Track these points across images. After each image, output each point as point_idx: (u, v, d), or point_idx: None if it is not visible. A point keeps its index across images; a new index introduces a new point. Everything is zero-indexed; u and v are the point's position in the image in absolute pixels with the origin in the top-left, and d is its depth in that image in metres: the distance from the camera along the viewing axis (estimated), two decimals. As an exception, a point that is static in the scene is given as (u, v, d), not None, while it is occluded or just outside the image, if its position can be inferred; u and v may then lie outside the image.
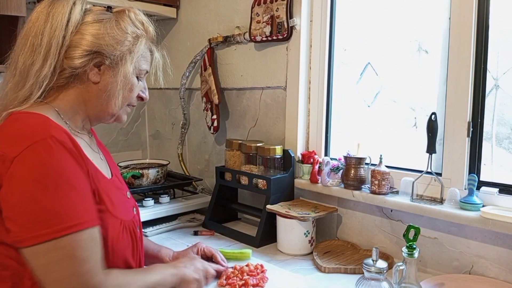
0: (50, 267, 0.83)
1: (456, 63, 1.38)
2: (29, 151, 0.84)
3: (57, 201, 0.84)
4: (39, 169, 0.84)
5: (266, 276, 1.31)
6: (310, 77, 1.78)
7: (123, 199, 1.07)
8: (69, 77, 0.98)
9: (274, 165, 1.72)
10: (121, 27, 1.01)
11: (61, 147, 0.87)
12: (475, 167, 1.38)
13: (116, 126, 2.42)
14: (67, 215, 0.84)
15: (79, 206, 0.87)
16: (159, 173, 1.96)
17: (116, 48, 0.99)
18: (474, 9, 1.34)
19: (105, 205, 0.95)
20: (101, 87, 1.01)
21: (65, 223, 0.83)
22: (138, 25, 1.05)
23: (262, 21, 1.81)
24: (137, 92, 1.08)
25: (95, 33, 0.98)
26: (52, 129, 0.89)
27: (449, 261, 1.41)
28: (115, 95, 1.02)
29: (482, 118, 1.37)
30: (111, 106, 1.03)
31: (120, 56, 1.00)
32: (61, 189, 0.84)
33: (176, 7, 2.25)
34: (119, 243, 0.98)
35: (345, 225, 1.67)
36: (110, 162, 1.14)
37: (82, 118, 1.04)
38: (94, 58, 0.98)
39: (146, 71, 1.09)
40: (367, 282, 1.10)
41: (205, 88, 2.06)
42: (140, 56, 1.04)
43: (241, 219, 1.95)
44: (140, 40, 1.04)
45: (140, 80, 1.08)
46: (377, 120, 1.67)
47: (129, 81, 1.03)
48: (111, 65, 1.00)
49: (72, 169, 0.88)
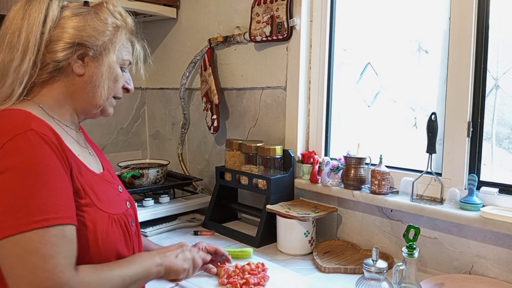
0: (14, 261, 0.81)
1: (456, 63, 1.38)
2: (8, 145, 0.84)
3: (29, 194, 0.82)
4: (16, 161, 0.83)
5: (267, 275, 1.31)
6: (310, 77, 1.78)
7: (113, 193, 1.06)
8: (52, 72, 0.98)
9: (274, 165, 1.72)
10: (101, 18, 1.02)
11: (41, 140, 0.86)
12: (475, 167, 1.38)
13: (116, 126, 2.42)
14: (36, 209, 0.82)
15: (52, 201, 0.85)
16: (159, 173, 1.96)
17: (98, 39, 1.00)
18: (474, 9, 1.34)
19: (91, 199, 0.94)
20: (86, 79, 1.01)
21: (33, 217, 0.81)
22: (117, 16, 1.05)
23: (262, 21, 1.81)
24: (122, 83, 1.08)
25: (76, 25, 0.99)
26: (33, 122, 0.89)
27: (449, 261, 1.41)
28: (101, 85, 1.02)
29: (482, 118, 1.37)
30: (97, 97, 1.02)
31: (103, 46, 1.01)
32: (35, 182, 0.83)
33: (176, 7, 2.25)
34: (109, 236, 0.96)
35: (345, 225, 1.67)
36: (101, 157, 1.14)
37: (69, 112, 1.03)
38: (77, 50, 0.98)
39: (129, 61, 1.09)
40: (367, 282, 1.10)
41: (205, 88, 2.06)
42: (122, 46, 1.05)
43: (241, 219, 1.95)
44: (121, 30, 1.04)
45: (124, 71, 1.08)
46: (377, 120, 1.67)
47: (114, 71, 1.03)
48: (94, 56, 1.00)
49: (51, 163, 0.87)
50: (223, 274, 1.30)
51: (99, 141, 2.33)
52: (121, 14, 1.06)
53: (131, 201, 1.14)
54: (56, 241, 0.83)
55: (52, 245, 0.82)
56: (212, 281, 1.30)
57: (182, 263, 1.10)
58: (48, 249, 0.81)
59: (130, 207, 1.10)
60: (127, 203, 1.09)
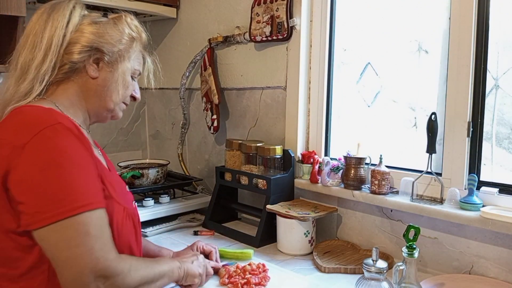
0: (63, 244, 0.85)
1: (456, 63, 1.38)
2: (39, 137, 0.88)
3: (69, 182, 0.87)
4: (50, 152, 0.87)
5: (268, 275, 1.31)
6: (310, 77, 1.78)
7: (124, 191, 1.11)
8: (68, 72, 1.02)
9: (274, 165, 1.72)
10: (119, 28, 1.08)
11: (69, 132, 0.92)
12: (475, 167, 1.38)
13: (116, 126, 2.42)
14: (79, 195, 0.87)
15: (90, 187, 0.91)
16: (159, 173, 1.96)
17: (115, 46, 1.06)
18: (474, 9, 1.34)
19: (109, 191, 0.99)
20: (99, 82, 1.06)
21: (77, 202, 0.86)
22: (133, 28, 1.11)
23: (262, 21, 1.81)
24: (131, 91, 1.14)
25: (95, 31, 1.04)
26: (59, 116, 0.94)
27: (449, 261, 1.41)
28: (113, 90, 1.08)
29: (482, 118, 1.37)
30: (109, 101, 1.08)
31: (119, 54, 1.07)
32: (71, 171, 0.88)
33: (176, 7, 2.25)
34: (124, 228, 1.01)
35: (345, 225, 1.67)
36: (106, 159, 1.18)
37: (82, 113, 1.08)
38: (93, 54, 1.04)
39: (139, 72, 1.16)
40: (367, 282, 1.10)
41: (205, 88, 2.06)
42: (135, 56, 1.12)
43: (241, 219, 1.95)
44: (136, 42, 1.11)
45: (134, 80, 1.15)
46: (377, 120, 1.67)
47: (126, 78, 1.09)
48: (109, 62, 1.06)
49: (81, 152, 0.92)
50: (224, 274, 1.30)
51: (99, 141, 2.31)
52: (137, 27, 1.13)
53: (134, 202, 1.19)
54: (100, 223, 0.90)
55: (99, 227, 0.89)
56: (213, 281, 1.29)
57: (197, 268, 1.17)
58: (97, 230, 0.88)
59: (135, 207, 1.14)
60: (134, 203, 1.14)
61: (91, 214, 0.88)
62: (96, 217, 0.89)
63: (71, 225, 0.85)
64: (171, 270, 1.08)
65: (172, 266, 1.09)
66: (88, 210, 0.87)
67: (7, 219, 0.89)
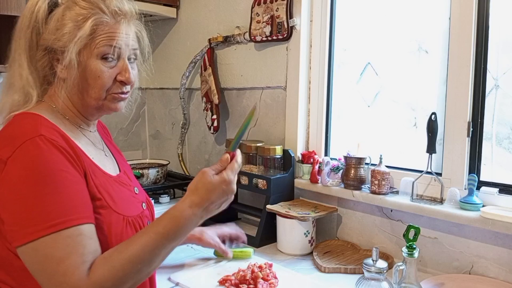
0: (35, 267, 0.82)
1: (456, 63, 1.38)
2: (19, 151, 0.84)
3: (43, 199, 0.82)
4: (28, 167, 0.83)
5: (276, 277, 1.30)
6: (310, 77, 1.78)
7: (128, 195, 1.05)
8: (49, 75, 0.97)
9: (274, 165, 1.72)
10: (63, 14, 0.93)
11: (51, 145, 0.86)
12: (475, 167, 1.38)
13: (116, 126, 2.42)
14: (53, 213, 0.82)
15: (67, 203, 0.84)
16: (159, 173, 1.96)
17: (60, 39, 0.92)
18: (474, 9, 1.34)
19: (106, 201, 0.94)
20: (70, 82, 0.95)
21: (51, 221, 0.82)
22: (83, 4, 0.93)
23: (262, 21, 1.81)
24: (109, 77, 0.95)
25: (50, 28, 0.93)
26: (43, 127, 0.88)
27: (449, 261, 1.41)
28: (85, 86, 0.95)
29: (482, 118, 1.37)
30: (88, 97, 0.96)
31: (64, 46, 0.92)
32: (48, 187, 0.83)
33: (176, 7, 2.25)
34: (123, 239, 0.94)
35: (345, 225, 1.67)
36: (119, 159, 1.13)
37: (77, 112, 1.01)
38: (50, 55, 0.95)
39: (113, 48, 0.94)
40: (367, 282, 1.10)
41: (205, 88, 2.06)
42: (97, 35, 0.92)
43: (241, 219, 1.95)
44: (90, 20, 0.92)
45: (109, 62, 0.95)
46: (377, 120, 1.67)
47: (92, 68, 0.93)
48: (63, 58, 0.92)
49: (62, 167, 0.86)
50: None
51: (99, 141, 2.33)
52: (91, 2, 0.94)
53: (148, 202, 1.13)
54: (70, 242, 0.82)
55: (66, 247, 0.82)
56: (213, 281, 1.30)
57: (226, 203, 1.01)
58: (61, 252, 0.82)
59: (146, 208, 1.10)
60: (143, 205, 1.09)
61: (59, 234, 0.81)
62: (65, 235, 0.82)
63: (39, 247, 0.81)
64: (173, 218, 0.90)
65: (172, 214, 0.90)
66: (55, 231, 0.81)
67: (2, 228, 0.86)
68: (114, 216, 0.95)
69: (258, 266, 1.34)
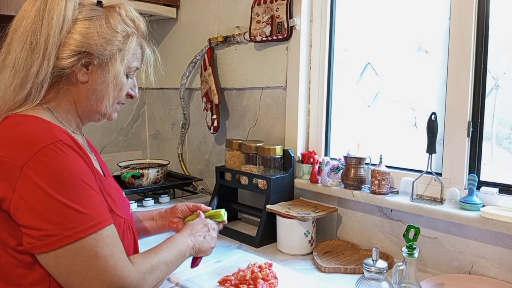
0: (74, 269, 0.83)
1: (456, 63, 1.38)
2: (40, 156, 0.83)
3: (77, 202, 0.84)
4: (54, 173, 0.83)
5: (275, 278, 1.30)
6: (310, 77, 1.78)
7: (121, 198, 1.07)
8: (58, 76, 0.95)
9: (274, 165, 1.72)
10: (111, 25, 0.98)
11: (71, 150, 0.88)
12: (475, 167, 1.38)
13: (116, 126, 2.42)
14: (85, 216, 0.84)
15: (97, 205, 0.88)
16: (159, 173, 1.96)
17: (106, 48, 0.96)
18: (474, 9, 1.34)
19: (109, 205, 0.95)
20: (89, 87, 0.98)
21: (86, 223, 0.84)
22: (129, 22, 1.01)
23: (262, 21, 1.81)
24: (126, 91, 1.06)
25: (84, 32, 0.95)
26: (58, 133, 0.89)
27: (449, 261, 1.41)
28: (105, 95, 0.99)
29: (482, 118, 1.37)
30: (102, 106, 1.01)
31: (110, 56, 0.97)
32: (78, 190, 0.85)
33: (176, 7, 2.25)
34: (125, 242, 0.97)
35: (345, 225, 1.67)
36: (101, 162, 1.13)
37: (74, 118, 1.02)
38: (82, 58, 0.95)
39: (136, 68, 1.06)
40: (367, 282, 1.10)
41: (205, 88, 2.06)
42: (131, 52, 1.01)
43: (241, 219, 1.95)
44: (131, 39, 1.01)
45: (130, 78, 1.06)
46: (377, 120, 1.67)
47: (119, 80, 1.00)
48: (100, 65, 0.97)
49: (84, 170, 0.89)
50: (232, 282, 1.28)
51: (99, 141, 2.33)
52: (133, 20, 1.03)
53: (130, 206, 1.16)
54: (110, 240, 0.87)
55: (108, 245, 0.86)
56: (213, 281, 1.30)
57: (210, 243, 1.18)
58: (106, 249, 0.86)
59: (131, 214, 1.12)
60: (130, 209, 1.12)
61: (99, 234, 0.85)
62: (105, 235, 0.86)
63: (80, 248, 0.83)
64: (182, 253, 1.07)
65: (182, 249, 1.08)
66: (95, 231, 0.85)
67: (4, 235, 0.86)
68: (117, 219, 0.97)
69: (258, 266, 1.34)
